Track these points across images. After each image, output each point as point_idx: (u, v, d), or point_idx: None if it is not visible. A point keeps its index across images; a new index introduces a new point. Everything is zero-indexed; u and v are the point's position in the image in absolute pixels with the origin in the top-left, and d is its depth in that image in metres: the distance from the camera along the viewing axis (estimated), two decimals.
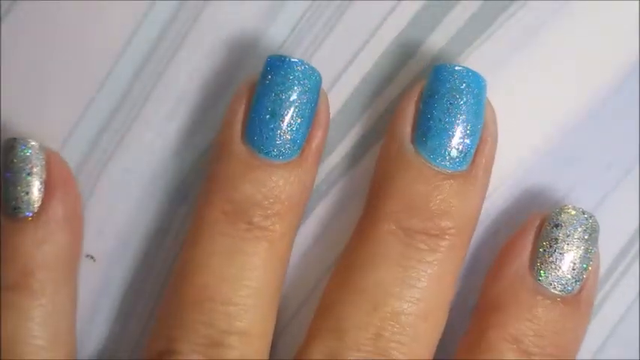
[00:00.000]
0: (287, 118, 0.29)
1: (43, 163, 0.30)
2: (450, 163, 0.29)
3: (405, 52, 0.32)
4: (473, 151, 0.29)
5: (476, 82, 0.29)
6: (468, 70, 0.29)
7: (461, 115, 0.29)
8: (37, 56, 0.32)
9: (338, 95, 0.32)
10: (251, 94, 0.30)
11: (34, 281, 0.30)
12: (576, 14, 0.31)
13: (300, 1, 0.32)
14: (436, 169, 0.29)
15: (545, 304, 0.29)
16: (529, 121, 0.31)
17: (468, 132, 0.29)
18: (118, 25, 0.32)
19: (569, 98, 0.32)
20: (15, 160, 0.30)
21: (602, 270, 0.31)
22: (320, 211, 0.32)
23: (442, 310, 0.30)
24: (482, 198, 0.30)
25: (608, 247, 0.31)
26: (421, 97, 0.30)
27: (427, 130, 0.29)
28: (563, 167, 0.32)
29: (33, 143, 0.30)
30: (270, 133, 0.29)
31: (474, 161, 0.29)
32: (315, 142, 0.30)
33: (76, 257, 0.31)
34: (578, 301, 0.29)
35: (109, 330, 0.32)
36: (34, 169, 0.30)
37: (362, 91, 0.32)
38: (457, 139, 0.29)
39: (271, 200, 0.29)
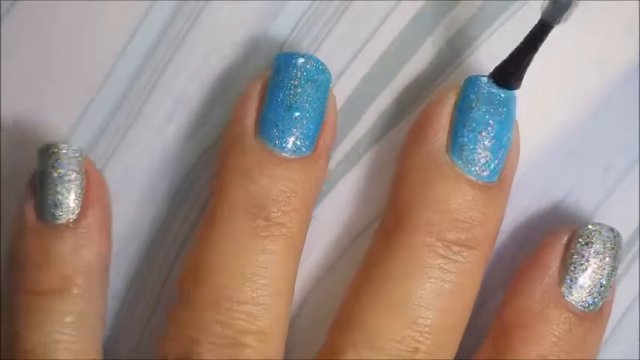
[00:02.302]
0: (302, 113, 0.29)
1: (83, 168, 0.30)
2: (487, 174, 0.29)
3: (405, 52, 0.32)
4: (503, 162, 0.29)
5: (511, 95, 0.29)
6: None
7: (499, 126, 0.29)
8: (37, 56, 0.32)
9: (338, 95, 0.31)
10: (263, 89, 0.30)
11: (73, 286, 0.29)
12: (576, 14, 0.31)
13: (300, 1, 0.32)
14: (473, 179, 0.29)
15: (572, 320, 0.29)
16: (529, 121, 0.31)
17: (502, 143, 0.29)
18: (118, 25, 0.32)
19: (569, 98, 0.32)
20: (56, 165, 0.30)
21: None
22: (320, 212, 0.32)
23: (467, 318, 0.30)
24: (505, 207, 0.30)
25: None
26: (456, 106, 0.29)
27: (467, 142, 0.29)
28: (563, 167, 0.32)
29: (74, 148, 0.30)
30: (287, 128, 0.29)
31: (502, 172, 0.30)
32: (327, 139, 0.30)
33: (108, 261, 0.31)
34: (600, 316, 0.30)
35: (108, 330, 0.32)
36: (75, 175, 0.30)
37: (362, 91, 0.32)
38: (494, 150, 0.29)
39: (288, 195, 0.29)
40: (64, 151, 0.30)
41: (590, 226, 0.30)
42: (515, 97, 0.30)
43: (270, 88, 0.29)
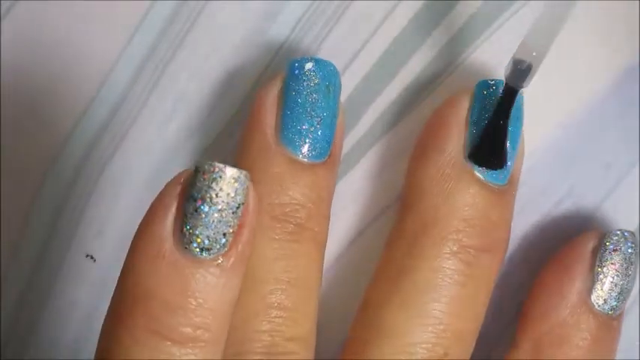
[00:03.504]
0: (322, 118, 0.29)
1: (245, 198, 0.26)
2: (502, 179, 0.29)
3: (405, 52, 0.32)
4: (514, 164, 0.30)
5: (521, 97, 0.29)
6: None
7: (514, 130, 0.29)
8: (38, 56, 0.32)
9: None
10: (280, 96, 0.29)
11: (210, 336, 0.25)
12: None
13: (301, 1, 0.32)
14: (491, 185, 0.29)
15: (602, 328, 0.30)
16: (529, 121, 0.31)
17: (516, 146, 0.30)
18: (118, 25, 0.32)
19: (569, 98, 0.32)
20: (220, 194, 0.25)
21: None
22: None
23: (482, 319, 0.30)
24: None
25: None
26: (471, 112, 0.30)
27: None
28: (563, 167, 0.32)
29: (245, 173, 0.25)
30: (309, 134, 0.29)
31: (511, 174, 0.30)
32: (340, 141, 0.30)
33: None
34: (620, 316, 0.30)
35: None
36: (240, 207, 0.25)
37: (362, 91, 0.32)
38: (509, 156, 0.29)
39: (315, 200, 0.29)
40: (234, 175, 0.25)
41: (616, 233, 0.30)
42: (523, 100, 0.30)
43: (289, 94, 0.29)
